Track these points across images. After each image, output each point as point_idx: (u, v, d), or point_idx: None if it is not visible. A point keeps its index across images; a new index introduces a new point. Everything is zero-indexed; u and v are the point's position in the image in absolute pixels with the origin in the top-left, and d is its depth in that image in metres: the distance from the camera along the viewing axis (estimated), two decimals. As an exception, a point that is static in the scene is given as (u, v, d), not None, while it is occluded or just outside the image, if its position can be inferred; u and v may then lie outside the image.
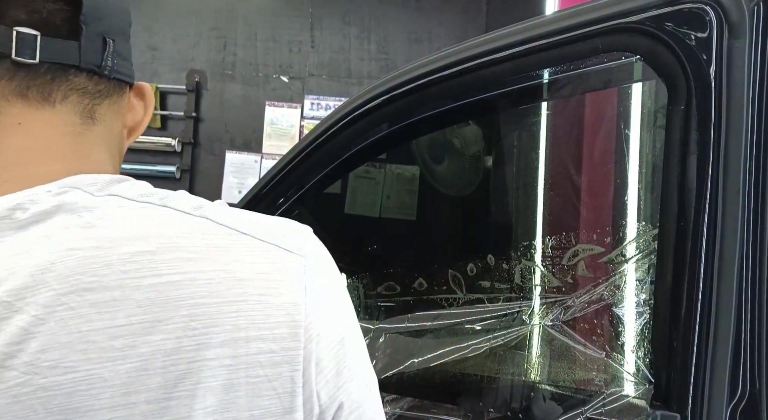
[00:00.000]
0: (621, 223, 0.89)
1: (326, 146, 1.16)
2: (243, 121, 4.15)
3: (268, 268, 0.49)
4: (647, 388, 0.78)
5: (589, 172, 0.98)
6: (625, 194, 0.89)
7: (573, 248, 0.94)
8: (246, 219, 0.53)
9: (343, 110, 1.13)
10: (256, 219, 0.54)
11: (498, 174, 1.20)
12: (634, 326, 0.85)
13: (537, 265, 1.00)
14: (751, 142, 0.72)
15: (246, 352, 0.45)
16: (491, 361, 1.02)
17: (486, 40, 0.96)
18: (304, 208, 1.41)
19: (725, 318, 0.70)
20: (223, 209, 0.53)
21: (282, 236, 0.52)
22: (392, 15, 4.08)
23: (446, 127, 1.34)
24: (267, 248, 0.51)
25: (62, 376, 0.42)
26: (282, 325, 0.47)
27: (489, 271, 1.08)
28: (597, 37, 0.83)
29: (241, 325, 0.46)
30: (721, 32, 0.72)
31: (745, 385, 0.69)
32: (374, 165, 1.52)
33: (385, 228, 1.49)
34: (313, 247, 0.54)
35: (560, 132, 1.04)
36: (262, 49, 4.14)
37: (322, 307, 0.50)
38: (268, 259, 0.50)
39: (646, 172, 0.87)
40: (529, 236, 1.01)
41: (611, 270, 0.89)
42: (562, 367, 0.93)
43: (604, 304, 0.89)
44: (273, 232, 0.52)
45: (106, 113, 0.59)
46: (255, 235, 0.51)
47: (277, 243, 0.51)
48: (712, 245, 0.71)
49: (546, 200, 1.00)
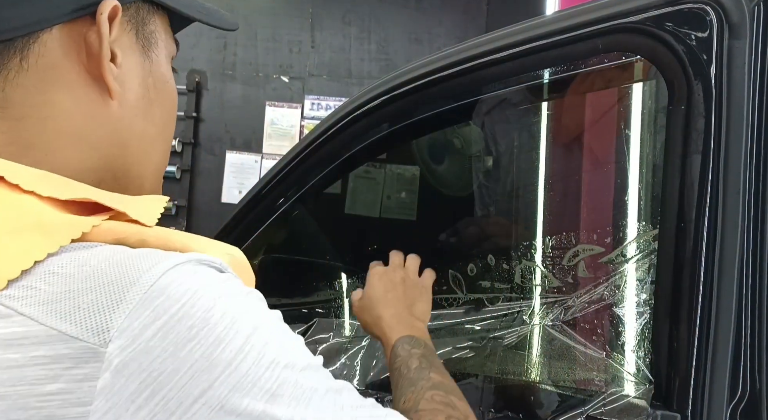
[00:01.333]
0: (621, 224, 0.89)
1: (326, 146, 1.16)
2: (243, 121, 4.15)
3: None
4: (647, 388, 0.78)
5: (590, 171, 0.98)
6: (625, 195, 0.89)
7: (573, 248, 0.95)
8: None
9: (343, 110, 1.13)
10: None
11: (497, 174, 1.20)
12: (634, 326, 0.85)
13: (537, 265, 1.00)
14: (752, 142, 0.72)
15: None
16: (491, 360, 1.02)
17: (486, 40, 0.96)
18: (304, 208, 1.41)
19: (726, 318, 0.70)
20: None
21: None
22: (392, 15, 4.08)
23: (446, 128, 1.34)
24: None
25: None
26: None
27: (489, 271, 1.08)
28: (597, 37, 0.83)
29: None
30: (722, 32, 0.72)
31: (746, 385, 0.69)
32: (374, 165, 1.52)
33: (384, 227, 1.49)
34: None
35: (560, 131, 1.04)
36: (262, 49, 4.15)
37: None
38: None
39: (646, 172, 0.87)
40: (529, 237, 1.01)
41: (611, 270, 0.89)
42: (562, 367, 0.93)
43: (604, 304, 0.89)
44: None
45: (13, 94, 0.45)
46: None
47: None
48: (713, 245, 0.71)
49: (546, 201, 1.00)
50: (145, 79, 0.52)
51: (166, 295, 0.38)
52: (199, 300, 0.38)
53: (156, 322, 0.37)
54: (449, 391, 0.74)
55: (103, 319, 0.37)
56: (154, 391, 0.36)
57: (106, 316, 0.37)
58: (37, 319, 0.37)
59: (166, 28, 0.55)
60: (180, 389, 0.36)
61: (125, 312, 0.37)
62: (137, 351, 0.36)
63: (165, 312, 0.37)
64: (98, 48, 0.46)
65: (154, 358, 0.36)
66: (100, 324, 0.36)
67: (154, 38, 0.53)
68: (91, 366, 0.36)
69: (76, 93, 0.47)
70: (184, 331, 0.37)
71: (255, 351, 0.39)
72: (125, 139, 0.50)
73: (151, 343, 0.36)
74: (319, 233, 1.50)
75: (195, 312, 0.38)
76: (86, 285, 0.38)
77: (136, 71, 0.51)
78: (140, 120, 0.51)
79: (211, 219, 4.01)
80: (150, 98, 0.52)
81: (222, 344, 0.38)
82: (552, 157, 1.02)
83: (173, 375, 0.36)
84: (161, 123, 0.54)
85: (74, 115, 0.47)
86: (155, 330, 0.37)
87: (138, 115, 0.51)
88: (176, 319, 0.37)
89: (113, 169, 0.50)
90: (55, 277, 0.38)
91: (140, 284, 0.38)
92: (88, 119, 0.47)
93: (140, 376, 0.36)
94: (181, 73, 4.08)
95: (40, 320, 0.37)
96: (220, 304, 0.39)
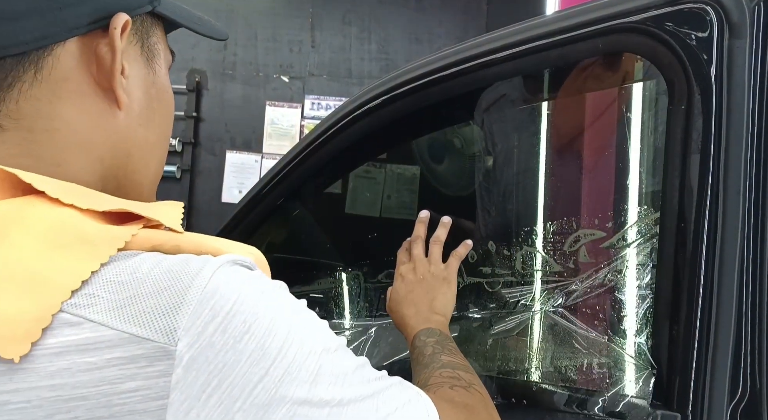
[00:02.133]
0: (621, 237, 0.89)
1: (326, 146, 1.17)
2: (243, 121, 4.15)
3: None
4: (647, 387, 0.78)
5: (591, 157, 0.98)
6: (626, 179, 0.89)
7: (574, 245, 0.95)
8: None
9: (343, 110, 1.13)
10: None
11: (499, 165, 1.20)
12: (634, 326, 0.85)
13: (538, 251, 1.00)
14: (752, 142, 0.72)
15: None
16: (490, 352, 1.03)
17: (486, 40, 0.96)
18: (304, 207, 1.41)
19: (726, 318, 0.70)
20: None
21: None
22: (392, 15, 4.09)
23: (446, 127, 1.35)
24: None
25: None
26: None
27: (490, 257, 1.08)
28: (597, 37, 0.83)
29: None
30: (722, 32, 0.72)
31: (746, 384, 0.69)
32: (375, 165, 1.52)
33: (384, 227, 1.49)
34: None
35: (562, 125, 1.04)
36: (262, 49, 4.15)
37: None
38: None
39: (647, 159, 0.87)
40: (530, 223, 1.01)
41: (611, 257, 0.89)
42: (562, 367, 0.93)
43: (604, 304, 0.89)
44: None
45: (26, 106, 0.46)
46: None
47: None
48: (713, 245, 0.72)
49: (547, 187, 1.01)
50: (149, 89, 0.54)
51: (219, 294, 0.42)
52: (247, 297, 0.43)
53: (215, 319, 0.41)
54: (457, 367, 0.79)
55: (169, 320, 0.40)
56: (220, 380, 0.40)
57: (171, 318, 0.40)
58: (108, 324, 0.40)
59: (164, 38, 0.58)
60: (242, 377, 0.41)
61: (187, 313, 0.41)
62: (203, 346, 0.40)
63: (221, 309, 0.41)
64: (110, 61, 0.48)
65: (218, 351, 0.40)
66: (167, 325, 0.40)
67: (156, 49, 0.55)
68: (164, 363, 0.39)
69: (86, 104, 0.48)
70: (240, 325, 0.41)
71: (297, 339, 0.44)
72: (129, 149, 0.52)
73: (213, 338, 0.40)
74: (319, 233, 1.50)
75: (245, 308, 0.42)
76: (144, 291, 0.41)
77: (140, 82, 0.53)
78: (143, 129, 0.53)
79: (211, 219, 4.01)
80: (153, 108, 0.54)
81: (271, 335, 0.42)
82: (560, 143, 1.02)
83: (235, 365, 0.41)
84: (161, 131, 0.56)
85: (83, 126, 0.48)
86: (215, 326, 0.41)
87: (141, 125, 0.53)
88: (231, 315, 0.41)
89: (117, 178, 0.53)
90: (113, 286, 0.41)
91: (195, 287, 0.41)
92: (96, 130, 0.49)
93: (208, 369, 0.40)
94: (181, 72, 4.08)
95: (111, 325, 0.40)
96: (263, 300, 0.44)
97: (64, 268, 0.41)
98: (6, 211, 0.42)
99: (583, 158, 0.99)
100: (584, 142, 1.00)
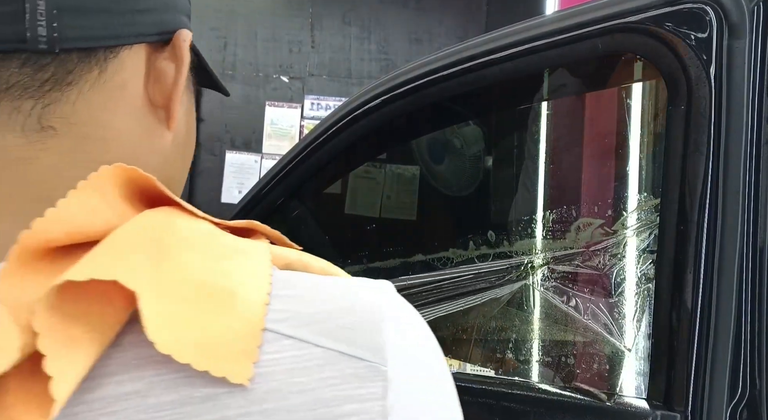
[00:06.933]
0: (619, 236, 0.89)
1: (326, 146, 1.17)
2: (243, 121, 4.15)
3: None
4: (647, 387, 0.78)
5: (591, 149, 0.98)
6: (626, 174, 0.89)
7: (574, 248, 0.95)
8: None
9: (343, 110, 1.13)
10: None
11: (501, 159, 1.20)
12: (634, 326, 0.85)
13: (532, 267, 1.00)
14: (751, 142, 0.72)
15: None
16: (483, 351, 1.03)
17: (486, 40, 0.96)
18: (304, 208, 1.41)
19: (725, 318, 0.70)
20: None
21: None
22: (392, 15, 4.09)
23: (446, 127, 1.35)
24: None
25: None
26: None
27: (489, 245, 1.08)
28: (597, 37, 0.83)
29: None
30: (721, 32, 0.72)
31: (746, 385, 0.69)
32: (374, 165, 1.52)
33: (384, 226, 1.49)
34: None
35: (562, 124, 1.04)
36: (262, 49, 4.15)
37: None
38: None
39: (647, 145, 0.87)
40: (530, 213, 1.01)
41: (610, 273, 0.89)
42: (562, 367, 0.93)
43: (604, 304, 0.89)
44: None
45: (82, 109, 0.40)
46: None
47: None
48: (712, 245, 0.72)
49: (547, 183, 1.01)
50: (189, 116, 0.50)
51: (403, 314, 0.39)
52: (417, 317, 0.41)
53: (410, 338, 0.38)
54: None
55: (374, 338, 0.36)
56: (430, 401, 0.38)
57: (376, 335, 0.37)
58: (311, 341, 0.36)
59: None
60: (449, 397, 0.39)
61: (391, 331, 0.37)
62: (414, 367, 0.37)
63: (413, 328, 0.39)
64: (173, 76, 0.44)
65: (426, 371, 0.38)
66: (374, 343, 0.36)
67: (191, 77, 0.51)
68: (377, 385, 0.35)
69: (137, 118, 0.44)
70: (429, 343, 0.40)
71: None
72: (172, 175, 0.48)
73: (418, 358, 0.38)
74: (319, 233, 1.50)
75: (423, 328, 0.40)
76: (334, 306, 0.37)
77: (184, 107, 0.49)
78: (180, 157, 0.49)
79: (211, 219, 4.00)
80: (191, 136, 0.51)
81: (439, 351, 0.41)
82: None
83: (437, 402, 0.38)
84: (187, 166, 0.52)
85: (134, 141, 0.44)
86: (415, 346, 0.38)
87: (178, 150, 0.49)
88: (420, 335, 0.39)
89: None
90: (296, 300, 0.37)
91: (381, 307, 0.38)
92: (145, 147, 0.44)
93: (419, 397, 0.37)
94: (181, 73, 4.08)
95: (315, 342, 0.36)
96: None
97: (243, 281, 0.36)
98: (156, 222, 0.37)
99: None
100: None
